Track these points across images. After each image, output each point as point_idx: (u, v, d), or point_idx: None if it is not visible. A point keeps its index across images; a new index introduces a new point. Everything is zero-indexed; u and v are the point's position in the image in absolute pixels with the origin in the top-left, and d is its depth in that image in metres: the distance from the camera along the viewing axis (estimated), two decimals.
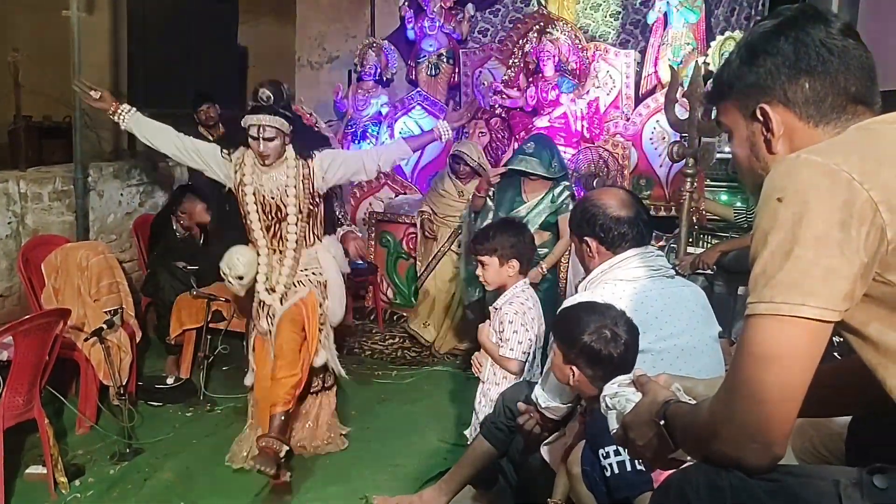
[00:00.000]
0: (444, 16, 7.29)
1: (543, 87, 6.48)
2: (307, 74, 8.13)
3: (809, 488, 1.17)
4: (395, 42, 7.41)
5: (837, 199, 1.10)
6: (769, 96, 1.30)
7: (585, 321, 2.21)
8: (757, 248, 1.17)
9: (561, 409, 2.49)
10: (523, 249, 3.37)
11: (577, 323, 2.23)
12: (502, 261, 3.33)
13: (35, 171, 4.93)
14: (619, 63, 6.70)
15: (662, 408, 1.35)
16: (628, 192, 2.61)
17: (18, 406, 3.25)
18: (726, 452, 1.18)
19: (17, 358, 3.21)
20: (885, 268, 1.13)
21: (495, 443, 2.95)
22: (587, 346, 2.18)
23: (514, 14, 7.42)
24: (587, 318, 2.22)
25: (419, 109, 7.18)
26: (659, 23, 6.67)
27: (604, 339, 2.17)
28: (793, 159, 1.18)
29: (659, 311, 2.36)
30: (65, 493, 3.37)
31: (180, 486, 3.50)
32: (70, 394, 4.06)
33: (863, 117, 1.27)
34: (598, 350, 2.17)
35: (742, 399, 1.15)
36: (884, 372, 1.18)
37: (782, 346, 1.12)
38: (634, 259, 2.45)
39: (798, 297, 1.10)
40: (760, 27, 1.35)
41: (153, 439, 3.91)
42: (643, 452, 1.40)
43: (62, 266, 4.17)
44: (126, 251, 5.55)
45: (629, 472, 2.02)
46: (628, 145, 6.46)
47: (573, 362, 2.23)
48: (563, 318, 2.35)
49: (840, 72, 1.26)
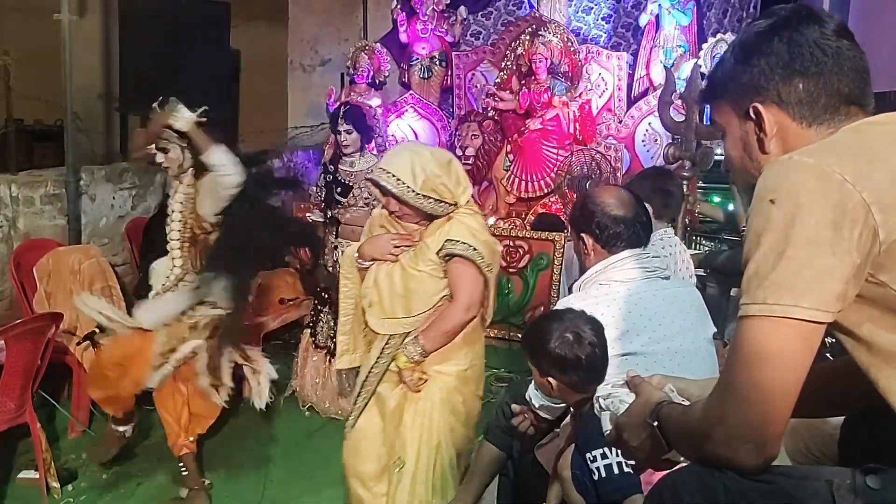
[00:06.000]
0: (436, 19, 7.29)
1: (536, 90, 6.48)
2: (299, 77, 8.12)
3: (803, 489, 1.17)
4: (387, 45, 7.40)
5: (830, 200, 1.11)
6: (763, 96, 1.30)
7: (547, 331, 2.22)
8: (749, 250, 1.17)
9: (555, 408, 2.49)
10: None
11: (540, 335, 2.24)
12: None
13: (27, 175, 4.92)
14: (611, 65, 6.72)
15: (656, 409, 1.35)
16: (631, 193, 2.60)
17: (10, 410, 3.24)
18: (719, 453, 1.18)
19: (8, 362, 3.20)
20: (878, 269, 1.13)
21: (501, 446, 2.95)
22: (554, 354, 2.19)
23: (507, 17, 7.44)
24: (548, 328, 2.23)
25: (412, 112, 7.19)
26: (651, 25, 6.69)
27: (567, 343, 2.17)
28: (785, 161, 1.18)
29: (653, 312, 2.36)
30: (57, 497, 3.36)
31: (173, 490, 3.48)
32: (62, 398, 4.05)
33: (856, 118, 1.27)
34: (565, 355, 2.17)
35: (735, 400, 1.15)
36: (876, 373, 1.18)
37: (775, 347, 1.12)
38: (630, 260, 2.44)
39: (790, 299, 1.11)
40: (755, 27, 1.35)
41: (146, 443, 3.89)
42: (636, 453, 1.40)
43: (54, 270, 4.16)
44: (118, 255, 5.53)
45: (616, 475, 2.02)
46: (621, 147, 6.48)
47: (547, 374, 2.24)
48: (528, 334, 2.38)
49: (834, 72, 1.26)
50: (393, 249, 2.75)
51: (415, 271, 2.70)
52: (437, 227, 2.71)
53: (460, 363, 2.80)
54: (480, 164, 6.62)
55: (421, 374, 2.72)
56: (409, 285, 2.70)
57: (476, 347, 2.89)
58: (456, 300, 2.69)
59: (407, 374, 2.71)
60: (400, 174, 2.62)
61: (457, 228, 2.67)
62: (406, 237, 2.77)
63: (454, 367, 2.79)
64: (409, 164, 2.64)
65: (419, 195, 2.62)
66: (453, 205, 2.69)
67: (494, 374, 5.03)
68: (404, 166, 2.63)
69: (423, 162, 2.64)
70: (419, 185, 2.61)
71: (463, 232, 2.67)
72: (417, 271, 2.70)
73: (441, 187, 2.63)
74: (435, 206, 2.67)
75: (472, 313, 2.72)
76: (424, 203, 2.64)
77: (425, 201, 2.64)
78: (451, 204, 2.68)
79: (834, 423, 1.60)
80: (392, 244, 2.76)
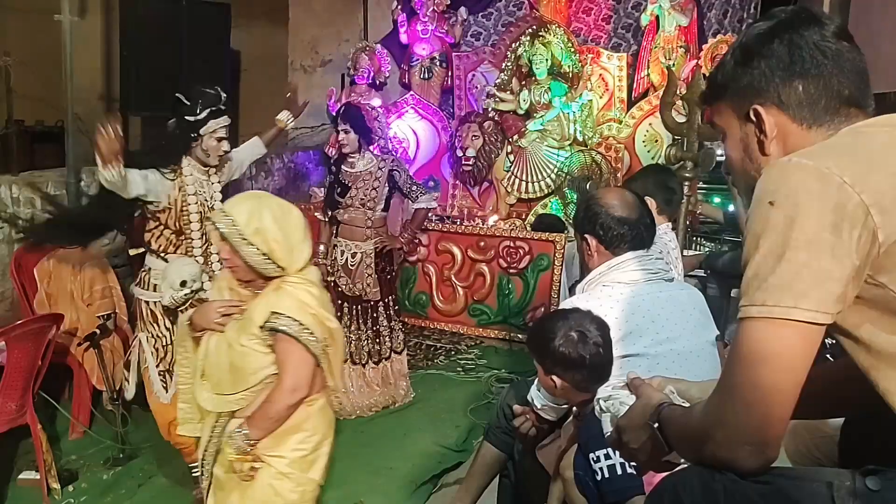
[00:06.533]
0: (437, 19, 7.30)
1: (536, 91, 6.50)
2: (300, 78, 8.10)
3: (803, 490, 1.17)
4: (388, 46, 7.41)
5: (829, 202, 1.11)
6: (763, 98, 1.30)
7: (552, 329, 2.23)
8: (749, 252, 1.17)
9: (556, 409, 2.50)
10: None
11: (545, 333, 2.25)
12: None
13: (28, 176, 4.92)
14: (611, 66, 6.73)
15: (656, 411, 1.35)
16: (635, 196, 2.61)
17: (11, 412, 3.24)
18: (720, 455, 1.18)
19: (9, 363, 3.20)
20: (877, 270, 1.13)
21: (501, 447, 2.97)
22: (559, 353, 2.20)
23: (507, 18, 7.44)
24: (553, 326, 2.24)
25: (412, 113, 7.19)
26: (651, 26, 6.69)
27: (572, 341, 2.18)
28: (784, 163, 1.18)
29: (656, 314, 2.36)
30: (58, 498, 3.37)
31: (173, 491, 3.49)
32: (63, 399, 4.05)
33: (856, 120, 1.27)
34: (569, 354, 2.18)
35: (735, 401, 1.16)
36: (876, 374, 1.19)
37: (775, 349, 1.12)
38: (632, 262, 2.45)
39: (790, 300, 1.11)
40: (755, 29, 1.35)
41: (147, 444, 3.89)
42: (637, 455, 1.41)
43: (55, 271, 4.16)
44: (119, 256, 5.52)
45: (619, 475, 2.02)
46: (621, 148, 6.49)
47: (552, 372, 2.25)
48: (533, 332, 2.39)
49: (834, 74, 1.27)
50: (220, 318, 2.46)
51: (237, 345, 2.40)
52: (265, 297, 2.42)
53: (300, 447, 2.47)
54: (481, 164, 6.63)
55: (252, 462, 2.41)
56: (233, 360, 2.42)
57: (321, 427, 2.53)
58: (280, 382, 2.39)
59: (237, 465, 2.41)
60: (234, 214, 2.37)
61: (284, 301, 2.38)
62: (234, 305, 2.48)
63: (292, 453, 2.46)
64: (247, 208, 2.39)
65: (246, 240, 2.33)
66: (282, 269, 2.40)
67: (495, 374, 5.05)
68: (242, 208, 2.39)
69: (263, 210, 2.38)
70: (250, 230, 2.34)
71: (290, 305, 2.37)
72: (240, 346, 2.40)
73: (273, 242, 2.35)
74: (262, 262, 2.36)
75: (299, 395, 2.40)
76: (250, 253, 2.34)
77: (252, 252, 2.34)
78: (279, 266, 2.39)
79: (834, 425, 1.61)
80: (218, 312, 2.47)
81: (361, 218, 4.37)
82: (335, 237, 4.47)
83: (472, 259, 5.81)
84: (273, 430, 2.41)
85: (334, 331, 2.49)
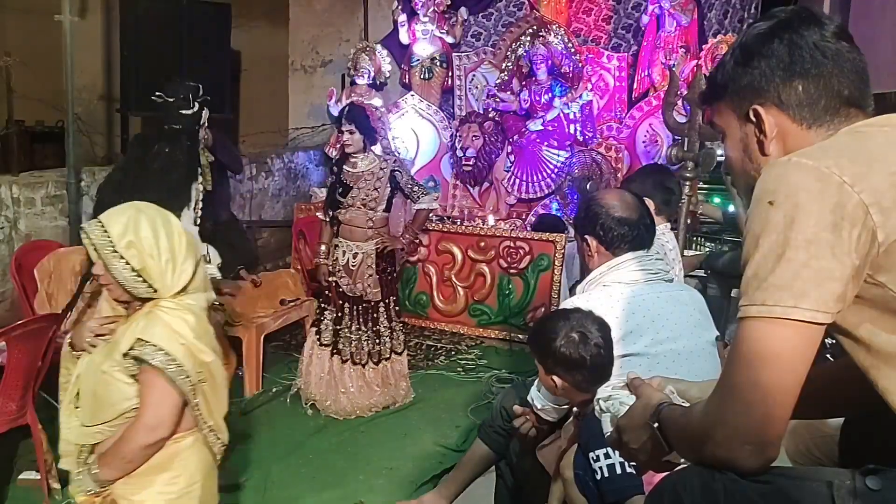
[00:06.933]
0: (437, 19, 7.30)
1: (536, 91, 6.51)
2: (300, 78, 8.12)
3: (803, 490, 1.17)
4: (388, 46, 7.42)
5: (828, 201, 1.11)
6: (763, 98, 1.30)
7: (553, 329, 2.23)
8: (749, 251, 1.17)
9: (557, 409, 2.50)
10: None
11: (546, 334, 2.26)
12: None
13: (28, 176, 4.92)
14: (611, 66, 6.74)
15: (656, 411, 1.35)
16: (635, 197, 2.62)
17: (11, 412, 3.24)
18: (720, 454, 1.18)
19: (9, 363, 3.20)
20: (877, 269, 1.13)
21: (493, 446, 2.98)
22: (560, 353, 2.20)
23: (507, 18, 7.44)
24: (554, 326, 2.24)
25: (412, 113, 7.19)
26: (651, 26, 6.69)
27: (573, 342, 2.19)
28: (784, 162, 1.18)
29: (656, 314, 2.36)
30: (58, 499, 3.36)
31: None
32: None
33: (856, 120, 1.27)
34: (571, 354, 2.19)
35: (735, 401, 1.16)
36: (876, 373, 1.19)
37: (775, 349, 1.12)
38: (632, 262, 2.45)
39: (790, 300, 1.11)
40: (755, 29, 1.35)
41: None
42: (637, 455, 1.41)
43: (55, 271, 4.15)
44: None
45: (619, 475, 2.02)
46: (621, 148, 6.49)
47: (553, 372, 2.25)
48: (535, 332, 2.39)
49: (834, 74, 1.27)
50: (92, 339, 2.22)
51: (100, 371, 2.15)
52: (134, 320, 2.16)
53: (165, 490, 2.18)
54: (481, 164, 6.64)
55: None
56: (96, 387, 2.16)
57: (190, 467, 2.23)
58: (139, 417, 2.12)
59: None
60: (109, 225, 2.11)
61: (154, 327, 2.10)
62: (109, 324, 2.24)
63: (157, 497, 2.18)
64: (124, 218, 2.13)
65: (117, 254, 2.08)
66: (154, 290, 2.13)
67: (495, 375, 5.04)
68: (119, 219, 2.13)
69: (141, 221, 2.12)
70: (123, 243, 2.08)
71: (158, 333, 2.10)
72: (102, 372, 2.14)
73: (148, 259, 2.10)
74: (132, 281, 2.10)
75: (158, 435, 2.12)
76: (120, 269, 2.09)
77: (122, 267, 2.09)
78: (150, 287, 2.12)
79: (834, 424, 1.61)
80: (92, 332, 2.24)
81: (362, 218, 4.37)
82: (336, 237, 4.47)
83: (473, 259, 5.81)
84: (128, 471, 2.15)
85: (210, 364, 2.20)
